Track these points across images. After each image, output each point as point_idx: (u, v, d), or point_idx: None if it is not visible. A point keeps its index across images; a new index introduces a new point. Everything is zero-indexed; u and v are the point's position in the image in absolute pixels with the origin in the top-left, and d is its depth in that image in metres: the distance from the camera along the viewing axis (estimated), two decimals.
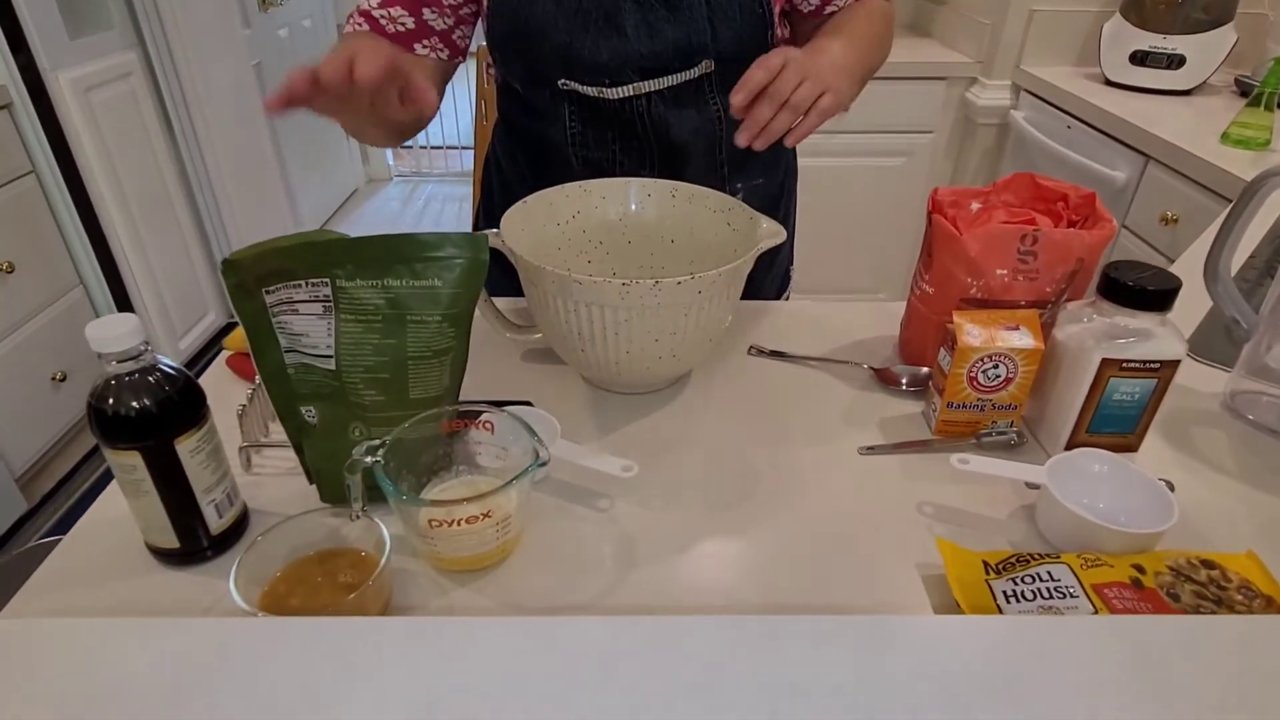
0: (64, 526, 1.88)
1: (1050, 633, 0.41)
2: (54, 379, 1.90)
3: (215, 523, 0.56)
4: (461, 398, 0.71)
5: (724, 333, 0.75)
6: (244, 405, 0.65)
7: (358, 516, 0.54)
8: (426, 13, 0.87)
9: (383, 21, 0.87)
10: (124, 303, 2.09)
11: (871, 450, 0.71)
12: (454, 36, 0.91)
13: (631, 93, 0.89)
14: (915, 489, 0.66)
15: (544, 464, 0.54)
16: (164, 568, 0.57)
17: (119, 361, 0.50)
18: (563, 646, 0.40)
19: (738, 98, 0.72)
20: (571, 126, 0.93)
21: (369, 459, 0.53)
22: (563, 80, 0.89)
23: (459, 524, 0.53)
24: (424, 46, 0.89)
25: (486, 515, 0.53)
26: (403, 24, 0.87)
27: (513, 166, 1.03)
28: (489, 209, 1.10)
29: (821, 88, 0.75)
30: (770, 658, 0.39)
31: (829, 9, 0.95)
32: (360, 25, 0.87)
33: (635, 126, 0.92)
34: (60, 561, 0.58)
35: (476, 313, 0.77)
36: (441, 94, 0.95)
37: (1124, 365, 0.63)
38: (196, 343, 2.40)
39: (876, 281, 2.54)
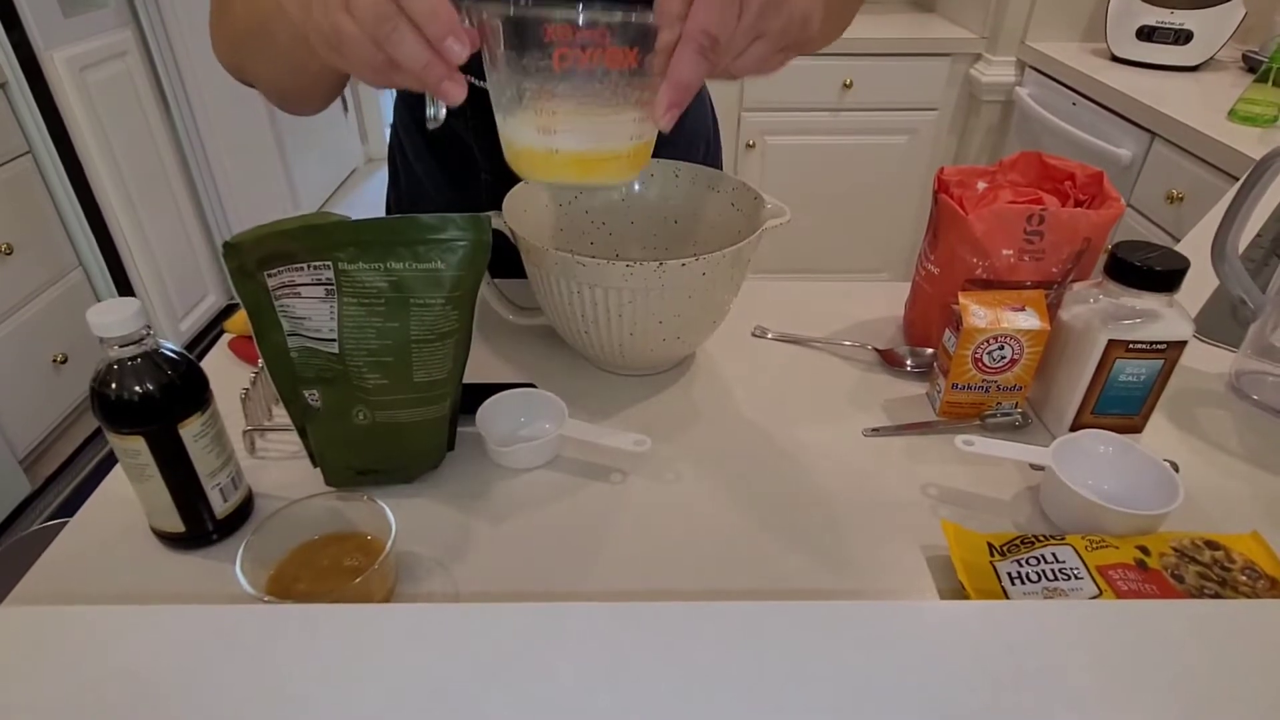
0: (68, 508, 1.88)
1: (1055, 617, 0.41)
2: (55, 361, 1.90)
3: (220, 506, 0.56)
4: (466, 380, 0.71)
5: (728, 314, 0.75)
6: (247, 389, 0.65)
7: (436, 121, 0.49)
8: None
9: None
10: (123, 284, 2.09)
11: (876, 432, 0.70)
12: None
13: None
14: (920, 470, 0.66)
15: None
16: (169, 551, 0.57)
17: (121, 346, 0.49)
18: (569, 633, 0.40)
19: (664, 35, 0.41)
20: (476, 114, 0.85)
21: None
22: None
23: (600, 54, 0.39)
24: None
25: (634, 51, 0.39)
26: None
27: (416, 154, 0.95)
28: (398, 200, 1.03)
29: (801, 15, 0.44)
30: (776, 645, 0.39)
31: None
32: None
33: None
34: (66, 545, 0.58)
35: (479, 294, 0.77)
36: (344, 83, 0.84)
37: (1130, 346, 0.63)
38: (197, 324, 2.39)
39: (880, 260, 2.53)
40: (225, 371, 0.76)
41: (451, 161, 0.93)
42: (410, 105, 0.94)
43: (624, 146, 0.45)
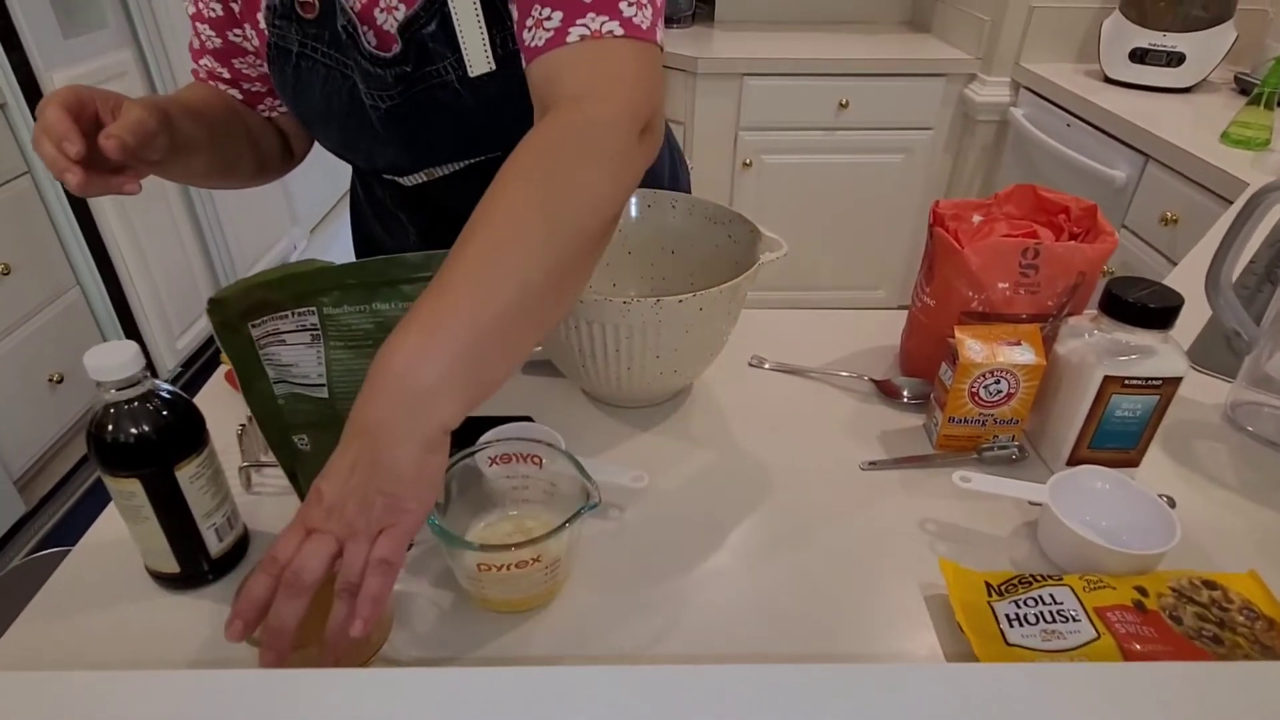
0: (63, 528, 1.87)
1: (1061, 682, 0.41)
2: (51, 380, 1.89)
3: (216, 547, 0.56)
4: None
5: (725, 345, 0.75)
6: (244, 425, 0.65)
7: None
8: (244, 84, 0.81)
9: (219, 89, 0.81)
10: (121, 303, 2.08)
11: (873, 465, 0.70)
12: None
13: (425, 179, 0.82)
14: (917, 505, 0.66)
15: (595, 505, 0.52)
16: (165, 591, 0.57)
17: (117, 389, 0.49)
18: (561, 698, 0.39)
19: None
20: (388, 190, 0.89)
21: None
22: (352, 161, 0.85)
23: (508, 569, 0.51)
24: (265, 108, 0.84)
25: (536, 560, 0.52)
26: (234, 95, 0.82)
27: (372, 213, 0.98)
28: (361, 247, 1.06)
29: (381, 520, 0.45)
30: (773, 712, 0.39)
31: (531, 40, 0.59)
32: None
33: (443, 202, 0.85)
34: (61, 582, 0.58)
35: None
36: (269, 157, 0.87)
37: (1126, 382, 0.63)
38: (194, 342, 2.39)
39: (875, 278, 2.53)
40: (222, 404, 0.76)
41: (390, 223, 0.95)
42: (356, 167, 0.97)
43: (538, 591, 0.55)
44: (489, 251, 0.47)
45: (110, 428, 0.50)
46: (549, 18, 0.57)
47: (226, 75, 0.80)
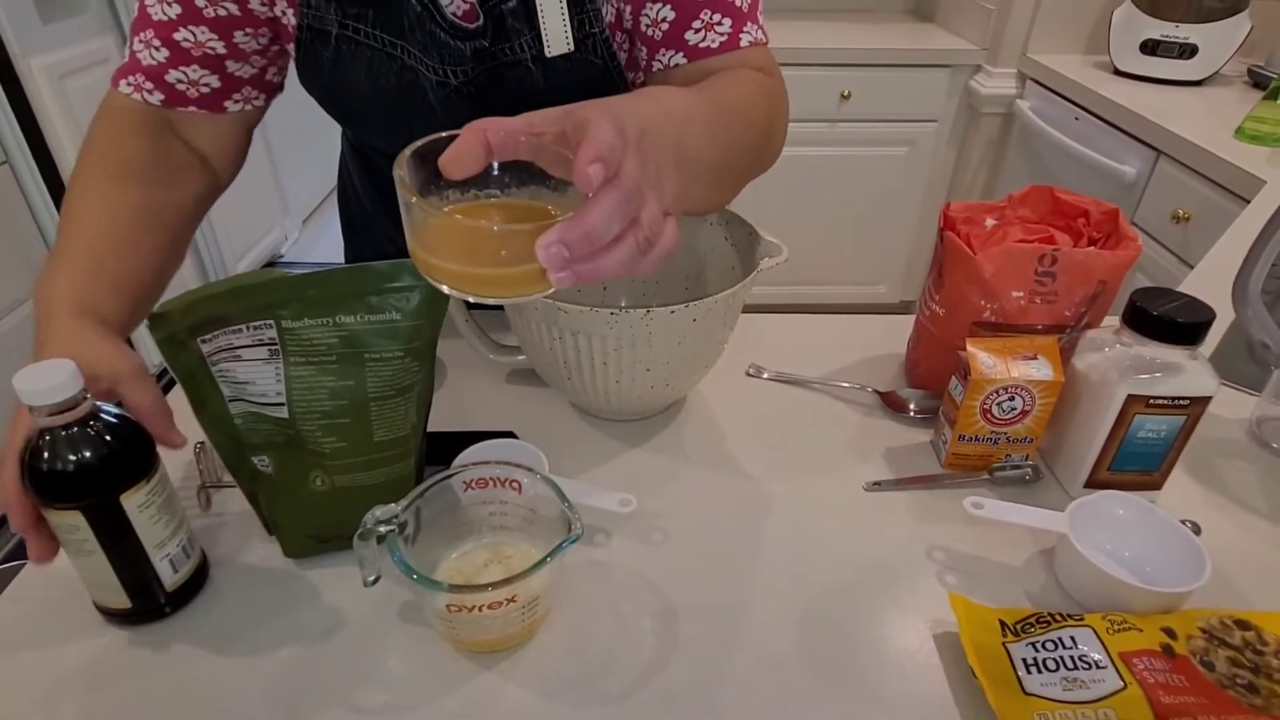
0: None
1: None
2: None
3: (170, 579, 0.52)
4: (440, 428, 0.66)
5: (721, 355, 0.71)
6: (202, 443, 0.60)
7: (371, 583, 0.50)
8: (231, 65, 0.70)
9: (180, 86, 0.69)
10: None
11: (877, 486, 0.66)
12: (267, 78, 0.75)
13: None
14: (925, 531, 0.62)
15: (577, 538, 0.48)
16: (116, 628, 0.53)
17: (53, 414, 0.45)
18: None
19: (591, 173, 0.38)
20: (361, 177, 0.84)
21: (383, 529, 0.48)
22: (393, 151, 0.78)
23: (481, 609, 0.47)
24: (236, 101, 0.73)
25: (512, 600, 0.47)
26: (206, 85, 0.70)
27: (368, 195, 0.93)
28: (355, 248, 1.00)
29: (662, 206, 0.41)
30: None
31: (655, 66, 0.68)
32: (150, 93, 0.68)
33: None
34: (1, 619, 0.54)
35: (457, 332, 0.73)
36: (250, 136, 0.78)
37: (1150, 401, 0.59)
38: None
39: (877, 274, 2.49)
40: (190, 416, 0.71)
41: (385, 194, 0.91)
42: (356, 146, 0.91)
43: (514, 630, 0.51)
44: (733, 108, 0.57)
45: (47, 456, 0.46)
46: (719, 23, 0.65)
47: (221, 49, 0.69)
